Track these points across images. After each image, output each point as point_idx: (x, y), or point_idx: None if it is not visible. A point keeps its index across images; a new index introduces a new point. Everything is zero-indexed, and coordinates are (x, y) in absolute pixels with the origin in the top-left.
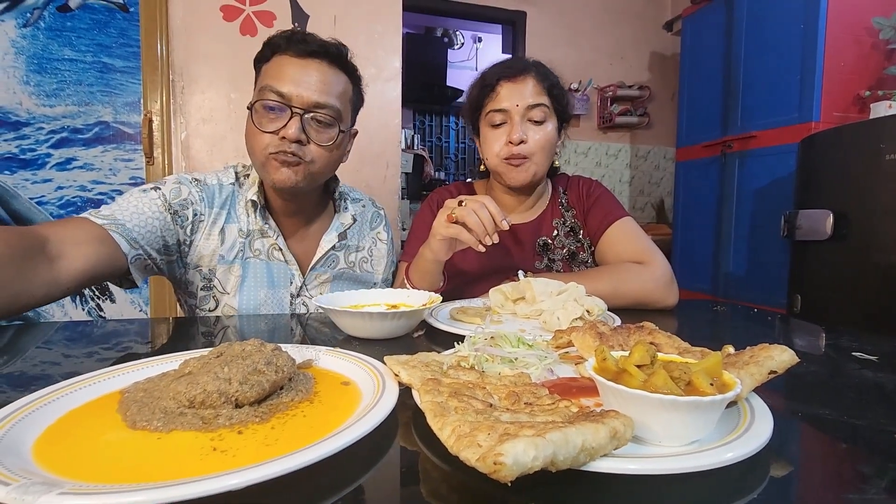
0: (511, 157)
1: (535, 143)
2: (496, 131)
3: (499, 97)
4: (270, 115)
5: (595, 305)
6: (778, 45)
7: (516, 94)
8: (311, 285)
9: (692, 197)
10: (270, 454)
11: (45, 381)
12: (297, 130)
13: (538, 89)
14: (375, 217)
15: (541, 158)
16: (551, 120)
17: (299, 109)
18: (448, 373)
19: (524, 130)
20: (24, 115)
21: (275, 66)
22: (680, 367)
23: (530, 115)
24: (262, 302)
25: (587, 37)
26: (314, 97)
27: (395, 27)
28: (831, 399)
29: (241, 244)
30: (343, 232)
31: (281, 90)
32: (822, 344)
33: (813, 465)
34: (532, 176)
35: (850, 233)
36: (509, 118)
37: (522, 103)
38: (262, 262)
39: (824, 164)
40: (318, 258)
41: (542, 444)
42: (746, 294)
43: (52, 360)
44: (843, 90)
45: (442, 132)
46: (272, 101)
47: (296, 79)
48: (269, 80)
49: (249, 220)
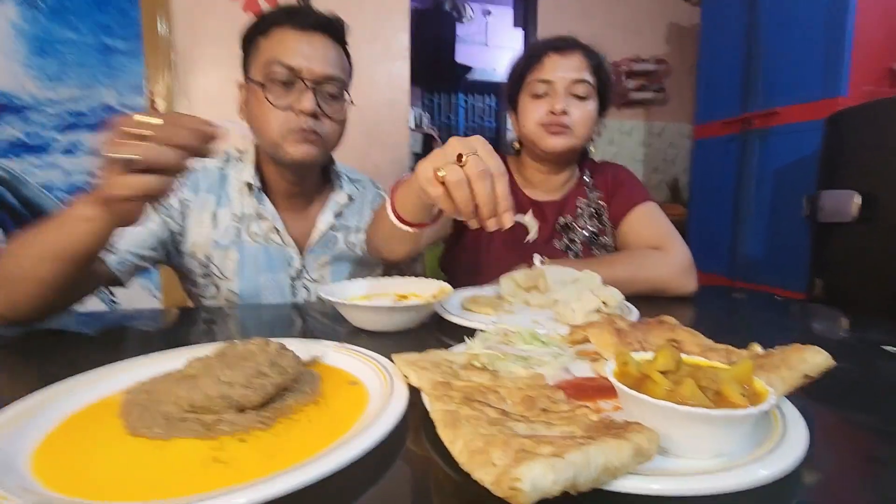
0: (551, 123)
1: (578, 117)
2: (537, 101)
3: (544, 68)
4: (281, 91)
5: (611, 296)
6: (804, 14)
7: (563, 66)
8: (311, 267)
9: (709, 176)
10: (274, 466)
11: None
12: (311, 104)
13: (585, 65)
14: (376, 198)
15: (581, 132)
16: (593, 98)
17: (311, 83)
18: (459, 374)
19: (567, 102)
20: (29, 100)
21: (277, 40)
22: (708, 374)
23: (574, 90)
24: (263, 286)
25: (601, 8)
26: (325, 69)
27: (403, 3)
28: (867, 402)
29: (235, 228)
30: (340, 211)
31: (291, 64)
32: (851, 338)
33: (850, 481)
34: (569, 147)
35: (877, 215)
36: (552, 90)
37: (568, 76)
38: (259, 246)
39: (852, 142)
40: (315, 239)
41: (562, 467)
42: (765, 277)
43: (56, 351)
44: (874, 63)
45: (451, 111)
46: (282, 75)
47: (303, 52)
48: (274, 54)
49: (244, 203)
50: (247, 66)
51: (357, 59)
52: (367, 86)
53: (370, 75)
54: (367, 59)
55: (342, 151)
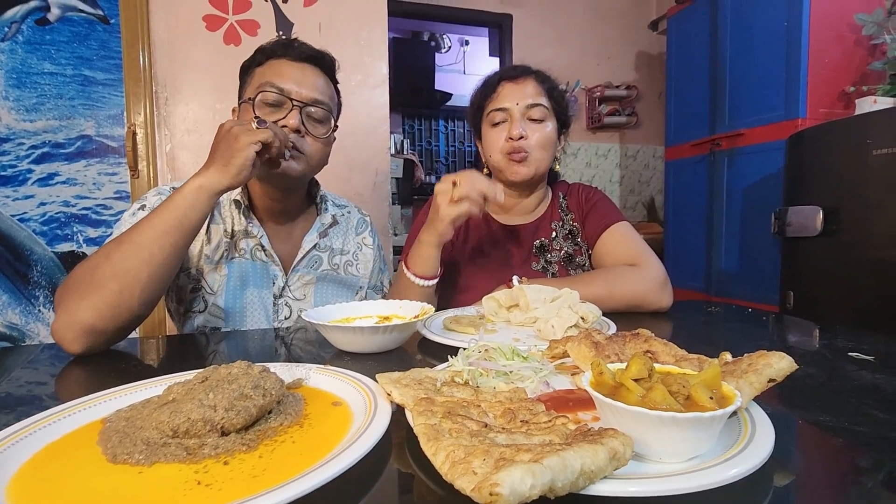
0: (512, 151)
1: (535, 140)
2: (497, 129)
3: (499, 97)
4: (270, 109)
5: (590, 312)
6: (763, 42)
7: (516, 93)
8: (295, 286)
9: (683, 195)
10: (258, 487)
11: (30, 403)
12: (297, 121)
13: (538, 90)
14: (361, 223)
15: (541, 155)
16: (550, 120)
17: (298, 103)
18: (442, 390)
19: (524, 127)
20: (4, 131)
21: (272, 68)
22: (678, 380)
23: (530, 114)
24: (247, 302)
25: (574, 37)
26: (312, 94)
27: (381, 33)
28: (831, 404)
29: (226, 244)
30: (325, 231)
31: (281, 86)
32: (818, 344)
33: (816, 476)
34: (533, 171)
35: (840, 228)
36: (510, 116)
37: (522, 102)
38: (246, 262)
39: (812, 160)
40: (300, 258)
41: (540, 472)
42: (739, 291)
43: (37, 380)
44: (828, 86)
45: (431, 136)
46: (272, 96)
47: (294, 77)
48: (268, 78)
49: (234, 220)
50: (241, 94)
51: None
52: (348, 113)
53: (350, 103)
54: (347, 87)
55: (324, 177)
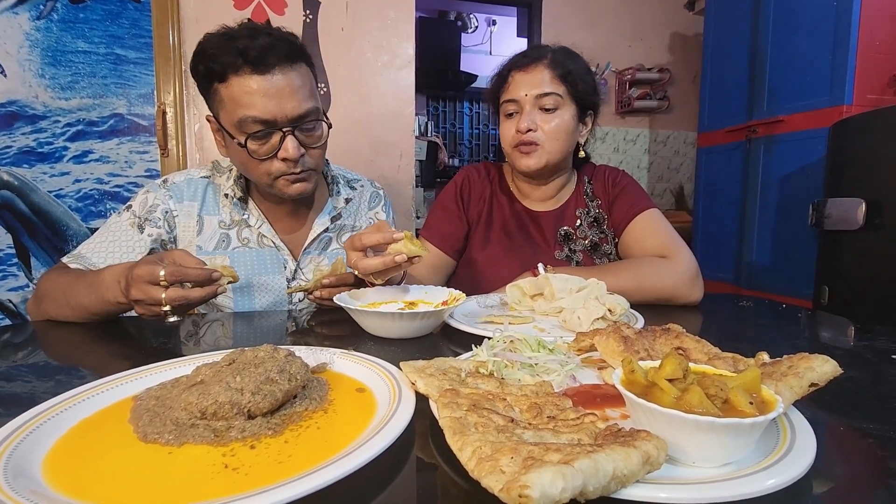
0: (520, 143)
1: (546, 131)
2: (509, 121)
3: (510, 88)
4: (261, 142)
5: (617, 304)
6: (808, 23)
7: (526, 83)
8: (307, 269)
9: (714, 184)
10: (284, 473)
11: (67, 373)
12: (294, 149)
13: (550, 77)
14: (374, 197)
15: (553, 146)
16: (566, 108)
17: (288, 126)
18: (466, 381)
19: (533, 119)
20: (41, 109)
21: (239, 90)
22: (716, 382)
23: (541, 104)
24: (257, 289)
25: (605, 18)
26: (297, 108)
27: (409, 12)
28: (876, 411)
29: (221, 235)
30: (337, 214)
31: (264, 118)
32: (859, 346)
33: (861, 488)
34: (543, 163)
35: (884, 222)
36: (520, 107)
37: (532, 92)
38: (251, 251)
39: (857, 149)
40: (310, 241)
41: (571, 475)
42: (771, 285)
43: (71, 351)
44: (878, 71)
45: (456, 118)
46: (260, 132)
47: (272, 96)
48: (244, 111)
49: (231, 211)
50: (211, 107)
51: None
52: (373, 95)
53: (376, 84)
54: (372, 68)
55: (349, 160)
